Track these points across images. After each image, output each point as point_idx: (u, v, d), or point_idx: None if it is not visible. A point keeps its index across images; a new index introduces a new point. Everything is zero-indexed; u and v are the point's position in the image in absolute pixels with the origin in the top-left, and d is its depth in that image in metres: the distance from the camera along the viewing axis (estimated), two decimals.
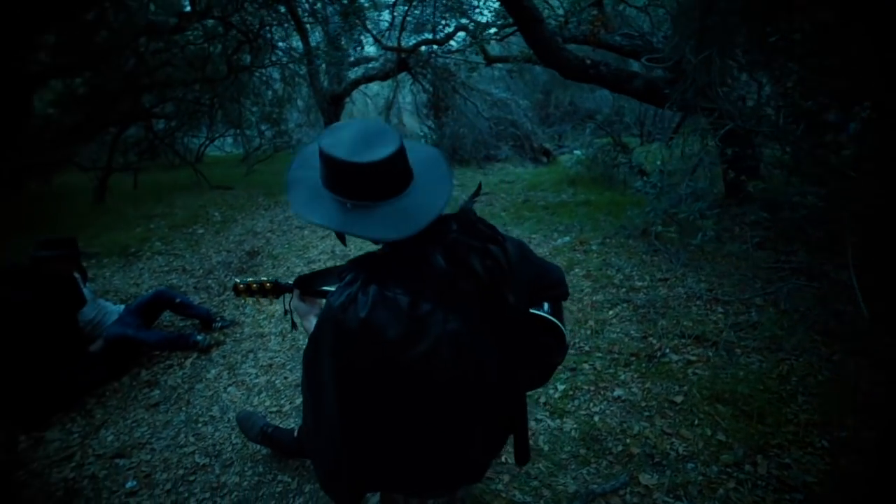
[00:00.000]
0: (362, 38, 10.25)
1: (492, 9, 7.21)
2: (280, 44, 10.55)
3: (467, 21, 7.25)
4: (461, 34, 8.09)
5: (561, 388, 2.39)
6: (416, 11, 7.92)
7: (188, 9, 8.08)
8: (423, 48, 8.68)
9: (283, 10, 9.75)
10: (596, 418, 2.16)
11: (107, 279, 4.32)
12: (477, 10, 7.33)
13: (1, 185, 8.56)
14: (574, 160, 8.29)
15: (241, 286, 1.42)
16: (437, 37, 7.78)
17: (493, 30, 6.94)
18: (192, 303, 3.58)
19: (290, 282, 1.34)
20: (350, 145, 0.86)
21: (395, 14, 7.69)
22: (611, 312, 3.12)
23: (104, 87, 6.51)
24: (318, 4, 10.18)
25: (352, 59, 11.89)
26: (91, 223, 5.96)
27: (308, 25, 10.67)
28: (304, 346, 1.05)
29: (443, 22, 7.60)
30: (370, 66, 12.26)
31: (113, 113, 6.95)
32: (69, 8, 6.16)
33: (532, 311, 1.16)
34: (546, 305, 1.19)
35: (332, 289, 1.13)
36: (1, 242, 4.88)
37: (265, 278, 1.43)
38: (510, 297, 0.98)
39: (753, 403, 2.09)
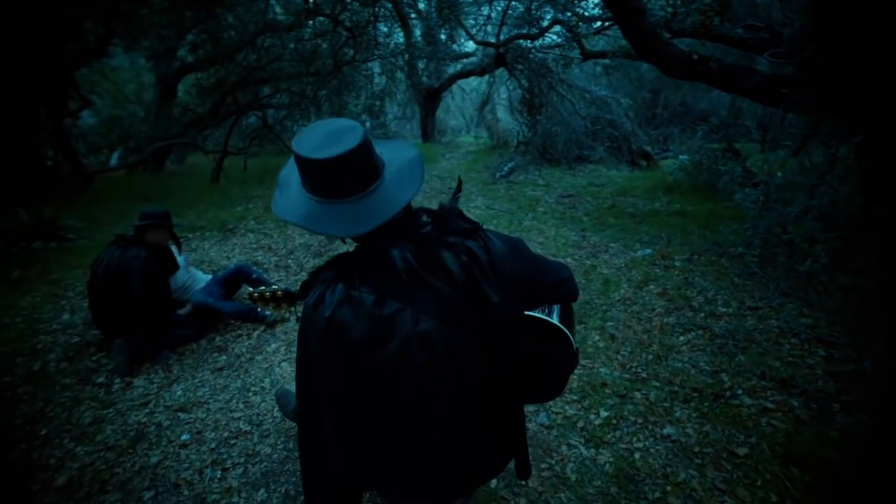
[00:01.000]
0: (454, 33, 10.28)
1: (593, 2, 6.78)
2: (383, 40, 11.02)
3: (565, 14, 6.90)
4: (556, 28, 7.74)
5: (604, 414, 2.18)
6: (515, 4, 7.75)
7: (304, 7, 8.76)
8: (518, 43, 8.46)
9: (389, 6, 10.16)
10: (637, 455, 1.93)
11: (205, 251, 4.86)
12: (576, 3, 6.94)
13: (147, 161, 10.06)
14: (676, 166, 7.56)
15: (255, 295, 1.46)
16: (532, 31, 7.51)
17: (596, 24, 6.56)
18: (267, 280, 3.87)
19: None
20: (314, 142, 0.86)
21: (493, 8, 7.57)
22: (681, 338, 2.77)
23: (226, 79, 7.29)
24: (422, 3, 10.46)
25: (451, 54, 12.00)
26: (204, 200, 6.76)
27: (411, 21, 11.03)
28: None
29: (538, 14, 7.33)
30: (468, 61, 12.32)
31: (233, 103, 7.77)
32: (210, 8, 7.03)
33: (529, 313, 1.08)
34: (547, 307, 1.11)
35: None
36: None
37: (276, 287, 1.45)
38: (493, 297, 0.91)
39: (842, 475, 1.71)
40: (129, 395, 2.72)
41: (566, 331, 1.10)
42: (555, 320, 1.10)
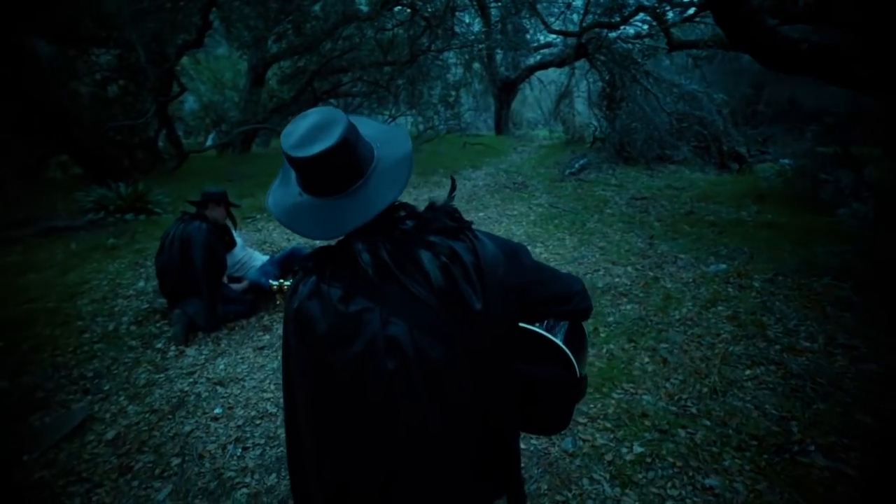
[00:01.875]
0: (526, 22, 9.87)
1: None
2: (461, 29, 10.89)
3: (651, 0, 6.32)
4: (643, 16, 7.12)
5: (638, 449, 1.94)
6: None
7: None
8: (600, 32, 7.92)
9: None
10: None
11: (269, 232, 5.12)
12: None
13: (235, 144, 10.85)
14: (773, 171, 6.71)
15: (275, 287, 1.45)
16: (615, 19, 6.98)
17: (690, 10, 5.92)
18: None
19: None
20: (297, 136, 0.81)
21: None
22: (747, 372, 2.41)
23: (305, 68, 7.61)
24: None
25: (530, 44, 11.60)
26: None
27: (490, 10, 10.79)
28: None
29: (622, 0, 6.78)
30: (547, 52, 11.84)
31: (310, 91, 8.10)
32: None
33: (525, 325, 0.98)
34: (549, 323, 1.01)
35: None
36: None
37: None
38: (475, 304, 0.82)
39: None
40: (180, 363, 2.92)
41: (567, 351, 0.98)
42: (556, 338, 0.99)
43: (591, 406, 2.24)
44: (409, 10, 9.07)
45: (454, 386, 0.86)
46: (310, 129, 0.81)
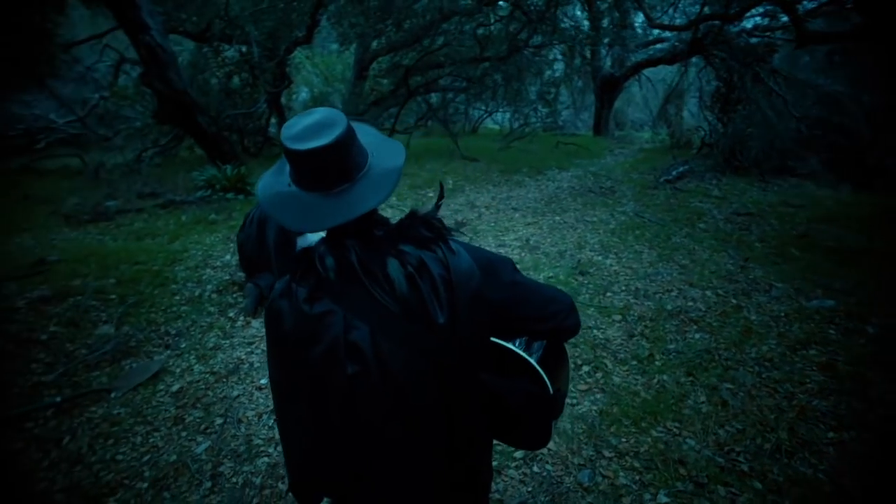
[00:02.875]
0: (635, 16, 9.12)
1: None
2: (566, 24, 10.46)
3: None
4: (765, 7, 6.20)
5: (663, 500, 1.72)
6: None
7: None
8: (715, 25, 7.09)
9: None
10: None
11: None
12: None
13: None
14: None
15: None
16: (732, 10, 6.19)
17: None
18: None
19: None
20: (298, 130, 0.82)
21: None
22: (831, 434, 2.02)
23: (400, 63, 7.87)
24: None
25: (638, 39, 10.79)
26: None
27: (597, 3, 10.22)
28: None
29: None
30: (659, 47, 10.91)
31: (404, 85, 8.37)
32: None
33: (497, 341, 0.97)
34: (526, 340, 0.99)
35: None
36: None
37: None
38: (439, 316, 0.82)
39: None
40: (244, 333, 3.21)
41: (539, 369, 0.95)
42: (530, 357, 0.96)
43: (623, 440, 2.04)
44: (509, 6, 8.93)
45: (416, 394, 0.86)
46: (311, 126, 0.83)
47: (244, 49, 7.72)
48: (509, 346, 0.98)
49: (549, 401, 0.96)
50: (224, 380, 2.71)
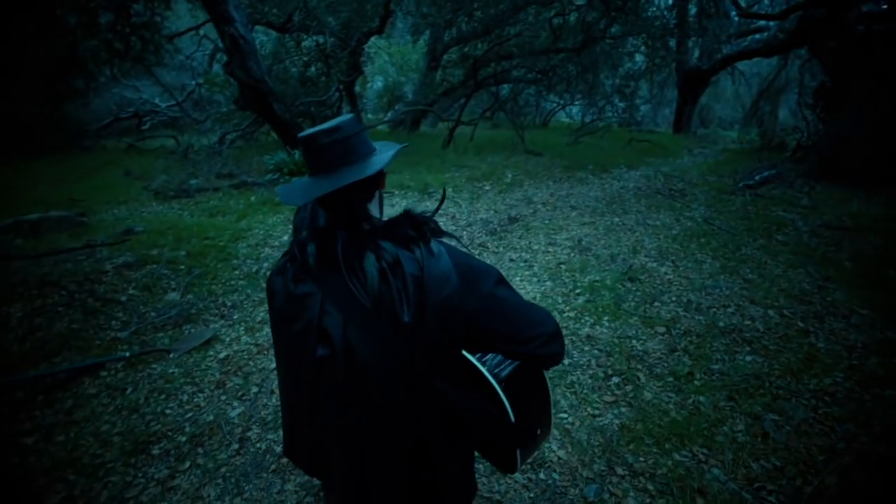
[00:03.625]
0: (722, 4, 8.30)
1: None
2: (650, 12, 9.80)
3: None
4: None
5: None
6: None
7: None
8: (823, 12, 6.27)
9: None
10: None
11: (399, 207, 5.51)
12: None
13: (405, 122, 11.83)
14: None
15: None
16: None
17: None
18: None
19: None
20: (316, 129, 0.92)
21: None
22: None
23: (469, 54, 7.83)
24: None
25: (731, 29, 9.85)
26: (424, 162, 7.61)
27: None
28: None
29: None
30: (756, 37, 9.89)
31: (472, 76, 8.32)
32: None
33: (467, 355, 0.95)
34: (495, 357, 0.96)
35: None
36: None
37: None
38: (404, 315, 0.83)
39: None
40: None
41: (499, 391, 0.92)
42: (490, 375, 0.92)
43: (641, 459, 1.93)
44: None
45: (382, 391, 0.87)
46: (335, 122, 0.92)
47: (320, 39, 8.09)
48: (471, 359, 0.95)
49: (510, 429, 0.92)
50: (265, 352, 2.91)
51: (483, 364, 0.96)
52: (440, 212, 5.51)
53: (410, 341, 0.84)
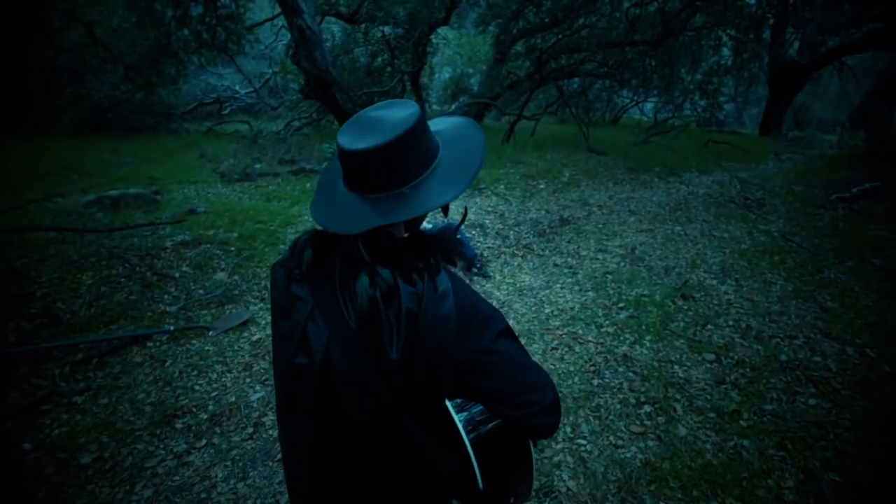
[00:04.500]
0: None
1: None
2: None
3: None
4: None
5: None
6: None
7: None
8: None
9: None
10: None
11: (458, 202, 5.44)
12: None
13: (468, 114, 11.73)
14: None
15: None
16: None
17: None
18: (468, 243, 4.07)
19: None
20: (358, 126, 0.78)
21: None
22: None
23: (535, 46, 7.55)
24: None
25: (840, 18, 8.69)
26: (487, 157, 7.44)
27: None
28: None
29: None
30: (871, 27, 8.63)
31: (536, 69, 8.02)
32: None
33: (450, 405, 0.84)
34: (477, 405, 0.84)
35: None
36: None
37: None
38: (392, 352, 0.74)
39: None
40: None
41: (470, 452, 0.80)
42: (466, 435, 0.81)
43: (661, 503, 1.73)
44: None
45: (353, 410, 0.81)
46: (373, 120, 0.78)
47: (386, 30, 8.17)
48: (449, 407, 0.84)
49: (476, 494, 0.82)
50: None
51: (463, 412, 0.84)
52: (488, 209, 5.38)
53: (391, 376, 0.76)
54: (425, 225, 1.20)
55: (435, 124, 0.89)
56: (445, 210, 0.83)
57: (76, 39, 8.96)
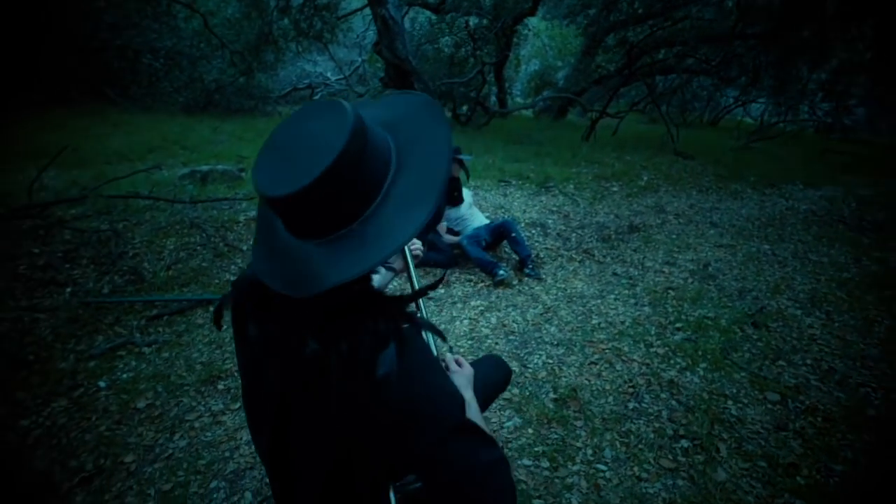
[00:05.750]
0: None
1: None
2: None
3: None
4: None
5: None
6: None
7: None
8: None
9: None
10: None
11: (513, 198, 5.32)
12: None
13: (552, 109, 11.35)
14: None
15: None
16: None
17: None
18: (523, 242, 3.94)
19: None
20: (277, 155, 0.63)
21: None
22: None
23: (627, 39, 7.07)
24: None
25: None
26: (553, 154, 7.18)
27: None
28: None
29: None
30: None
31: (626, 65, 7.52)
32: None
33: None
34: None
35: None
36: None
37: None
38: (327, 408, 0.70)
39: None
40: None
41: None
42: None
43: None
44: None
45: (300, 426, 0.78)
46: (293, 149, 0.61)
47: (471, 21, 8.11)
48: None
49: None
50: None
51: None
52: (553, 209, 5.17)
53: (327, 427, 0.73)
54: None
55: (381, 109, 0.73)
56: (453, 194, 0.72)
57: (195, 27, 9.99)
